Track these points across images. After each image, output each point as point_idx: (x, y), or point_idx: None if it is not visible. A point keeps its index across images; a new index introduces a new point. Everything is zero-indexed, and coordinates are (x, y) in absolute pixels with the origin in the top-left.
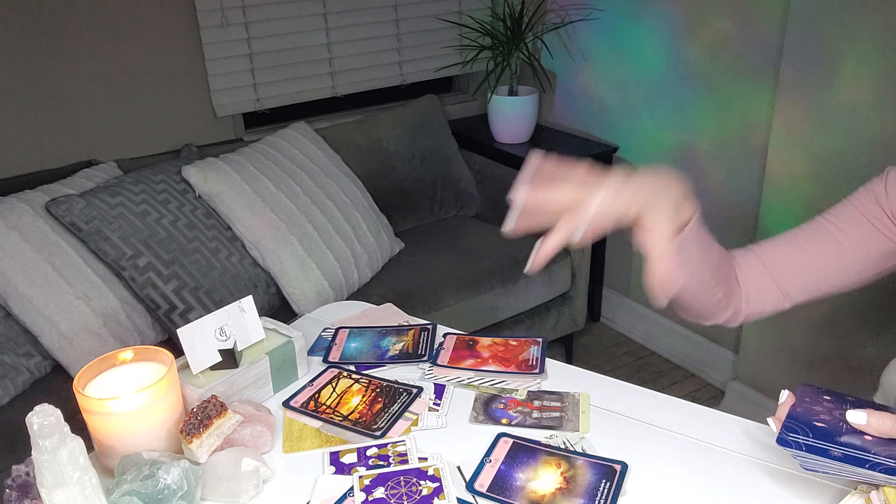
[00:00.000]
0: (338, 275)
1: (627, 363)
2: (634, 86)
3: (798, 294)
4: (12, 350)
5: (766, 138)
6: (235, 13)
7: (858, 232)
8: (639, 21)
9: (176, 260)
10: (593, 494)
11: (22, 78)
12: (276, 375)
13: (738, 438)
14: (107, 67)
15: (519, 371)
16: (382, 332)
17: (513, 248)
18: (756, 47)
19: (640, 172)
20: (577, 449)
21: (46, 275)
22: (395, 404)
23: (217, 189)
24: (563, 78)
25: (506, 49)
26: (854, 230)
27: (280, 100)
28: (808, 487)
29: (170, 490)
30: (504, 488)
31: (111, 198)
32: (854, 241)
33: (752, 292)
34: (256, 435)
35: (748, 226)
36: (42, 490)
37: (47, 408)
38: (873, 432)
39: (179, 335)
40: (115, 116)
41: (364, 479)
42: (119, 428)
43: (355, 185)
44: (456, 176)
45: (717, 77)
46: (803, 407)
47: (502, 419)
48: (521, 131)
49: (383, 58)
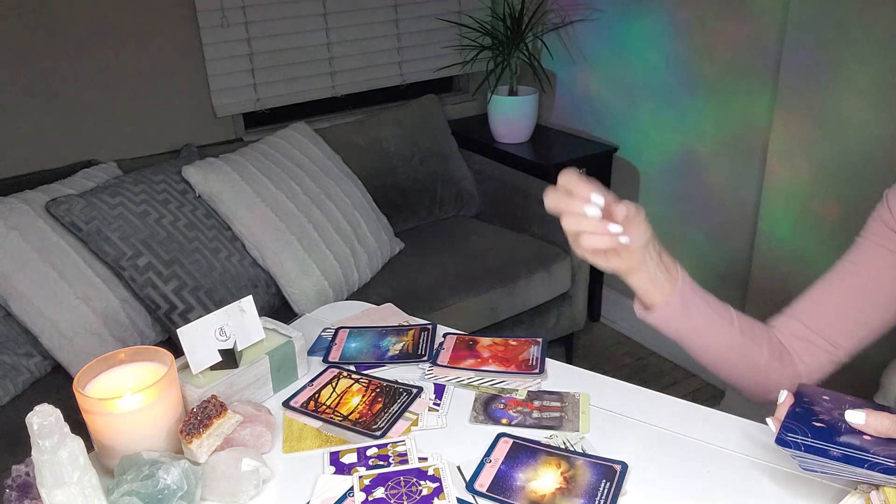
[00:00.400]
0: (338, 275)
1: (627, 363)
2: (634, 86)
3: (845, 340)
4: (12, 350)
5: (765, 139)
6: (235, 13)
7: (878, 261)
8: (639, 21)
9: (176, 260)
10: (593, 494)
11: (22, 78)
12: (276, 375)
13: (737, 438)
14: (107, 67)
15: (519, 371)
16: (382, 333)
17: (513, 248)
18: (756, 48)
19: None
20: (577, 449)
21: (46, 275)
22: (395, 404)
23: (217, 189)
24: (563, 78)
25: (506, 49)
26: (873, 261)
27: (280, 100)
28: (808, 487)
29: (170, 490)
30: (504, 488)
31: (111, 198)
32: (877, 272)
33: (802, 352)
34: (256, 435)
35: (747, 227)
36: (42, 490)
37: (47, 408)
38: (872, 432)
39: (179, 335)
40: (115, 116)
41: (364, 479)
42: (119, 428)
43: (355, 185)
44: (456, 176)
45: (717, 78)
46: (802, 407)
47: (502, 419)
48: (521, 131)
49: (383, 58)
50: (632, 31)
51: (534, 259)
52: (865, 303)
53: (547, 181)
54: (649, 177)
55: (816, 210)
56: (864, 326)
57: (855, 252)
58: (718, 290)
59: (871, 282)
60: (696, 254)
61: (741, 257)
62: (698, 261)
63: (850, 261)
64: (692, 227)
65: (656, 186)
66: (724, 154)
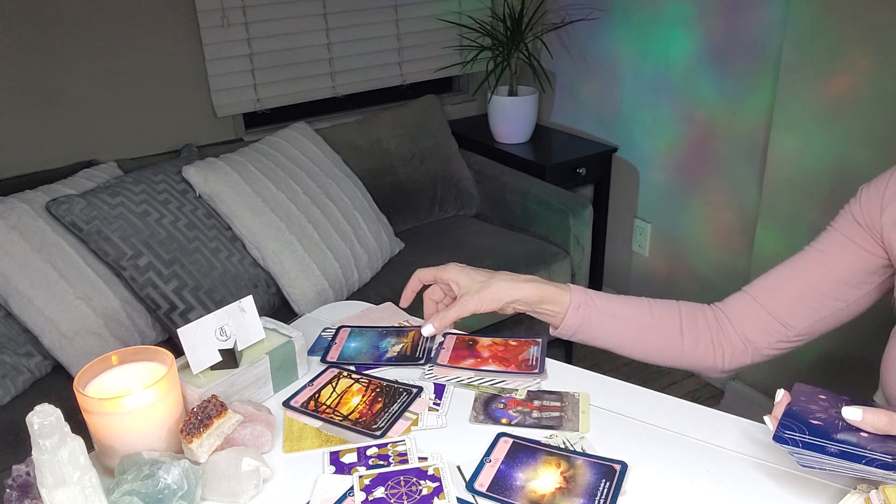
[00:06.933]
0: (338, 275)
1: (627, 363)
2: (634, 86)
3: (798, 322)
4: (12, 350)
5: (765, 137)
6: (236, 13)
7: (842, 252)
8: (638, 21)
9: (176, 260)
10: (593, 494)
11: (22, 78)
12: (276, 375)
13: (737, 438)
14: (107, 67)
15: (519, 371)
16: (383, 333)
17: (513, 248)
18: (756, 47)
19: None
20: (577, 449)
21: (47, 275)
22: (395, 404)
23: (217, 189)
24: (563, 78)
25: (506, 49)
26: (837, 251)
27: (280, 100)
28: (808, 487)
29: (170, 490)
30: (504, 488)
31: (111, 198)
32: (839, 262)
33: (750, 331)
34: (256, 435)
35: (747, 225)
36: (42, 490)
37: (47, 407)
38: (869, 428)
39: (179, 335)
40: (116, 116)
41: (364, 479)
42: (119, 428)
43: (355, 185)
44: (456, 176)
45: (717, 76)
46: (799, 405)
47: (502, 419)
48: (521, 131)
49: (383, 58)
50: (631, 31)
51: (533, 259)
52: (823, 288)
53: (547, 181)
54: (649, 177)
55: (816, 205)
56: (818, 313)
57: (822, 241)
58: (719, 288)
59: (833, 272)
60: (697, 252)
61: (742, 256)
62: (699, 259)
63: (816, 248)
64: (692, 226)
65: (656, 186)
66: (724, 154)
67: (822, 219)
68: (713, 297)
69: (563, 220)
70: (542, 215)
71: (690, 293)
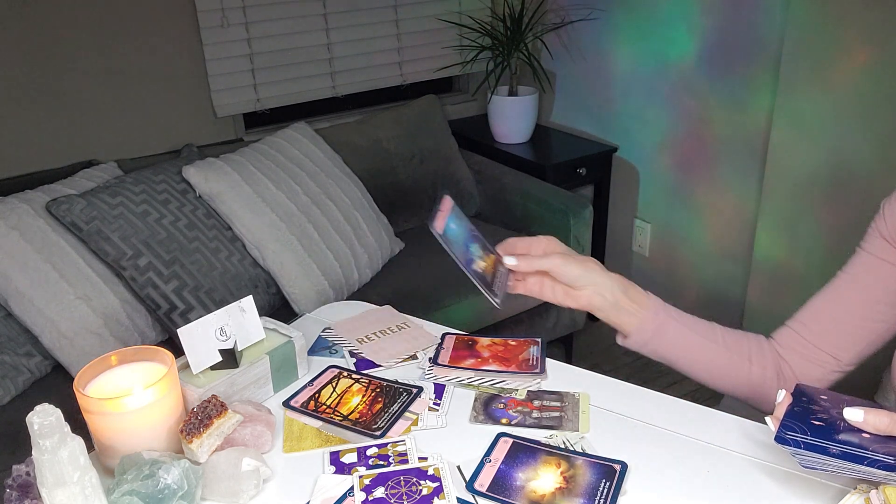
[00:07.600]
0: (338, 275)
1: (627, 363)
2: (634, 86)
3: (844, 352)
4: (12, 350)
5: (766, 137)
6: (236, 13)
7: (874, 272)
8: (638, 21)
9: (176, 260)
10: (593, 494)
11: (22, 78)
12: (276, 375)
13: (737, 438)
14: (107, 67)
15: (519, 371)
16: (473, 234)
17: None
18: (756, 47)
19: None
20: (577, 449)
21: (47, 275)
22: (395, 404)
23: (217, 189)
24: (563, 78)
25: (506, 49)
26: (868, 272)
27: (280, 100)
28: (808, 487)
29: (170, 490)
30: (504, 488)
31: (111, 198)
32: (872, 282)
33: (804, 366)
34: (256, 435)
35: (747, 225)
36: (42, 490)
37: (47, 408)
38: (871, 429)
39: (180, 335)
40: (116, 116)
41: (364, 479)
42: (119, 428)
43: (355, 185)
44: (456, 176)
45: (717, 76)
46: (801, 406)
47: (502, 419)
48: (521, 131)
49: (383, 58)
50: (631, 31)
51: None
52: (862, 312)
53: (547, 181)
54: (649, 177)
55: (815, 206)
56: (863, 339)
57: (853, 264)
58: (719, 288)
59: (868, 295)
60: (697, 252)
61: (742, 256)
62: (699, 259)
63: (848, 273)
64: (692, 226)
65: (656, 186)
66: (724, 154)
67: (822, 218)
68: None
69: (563, 220)
70: (542, 215)
71: (690, 293)
